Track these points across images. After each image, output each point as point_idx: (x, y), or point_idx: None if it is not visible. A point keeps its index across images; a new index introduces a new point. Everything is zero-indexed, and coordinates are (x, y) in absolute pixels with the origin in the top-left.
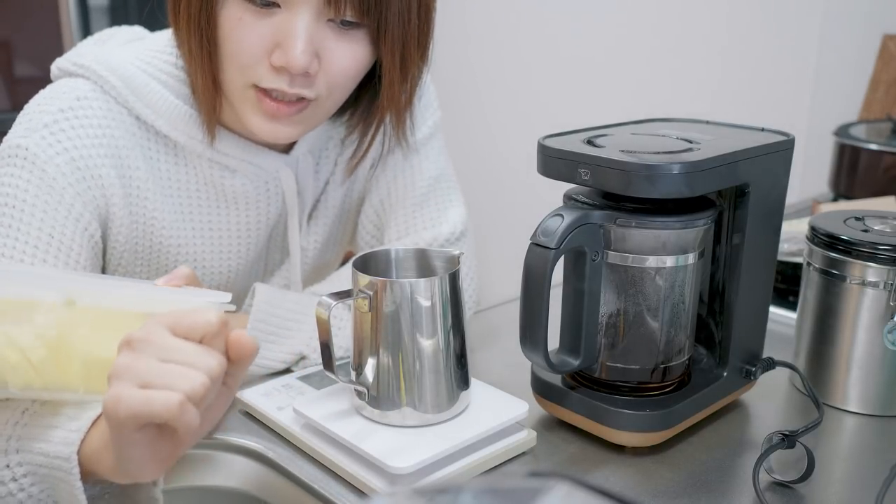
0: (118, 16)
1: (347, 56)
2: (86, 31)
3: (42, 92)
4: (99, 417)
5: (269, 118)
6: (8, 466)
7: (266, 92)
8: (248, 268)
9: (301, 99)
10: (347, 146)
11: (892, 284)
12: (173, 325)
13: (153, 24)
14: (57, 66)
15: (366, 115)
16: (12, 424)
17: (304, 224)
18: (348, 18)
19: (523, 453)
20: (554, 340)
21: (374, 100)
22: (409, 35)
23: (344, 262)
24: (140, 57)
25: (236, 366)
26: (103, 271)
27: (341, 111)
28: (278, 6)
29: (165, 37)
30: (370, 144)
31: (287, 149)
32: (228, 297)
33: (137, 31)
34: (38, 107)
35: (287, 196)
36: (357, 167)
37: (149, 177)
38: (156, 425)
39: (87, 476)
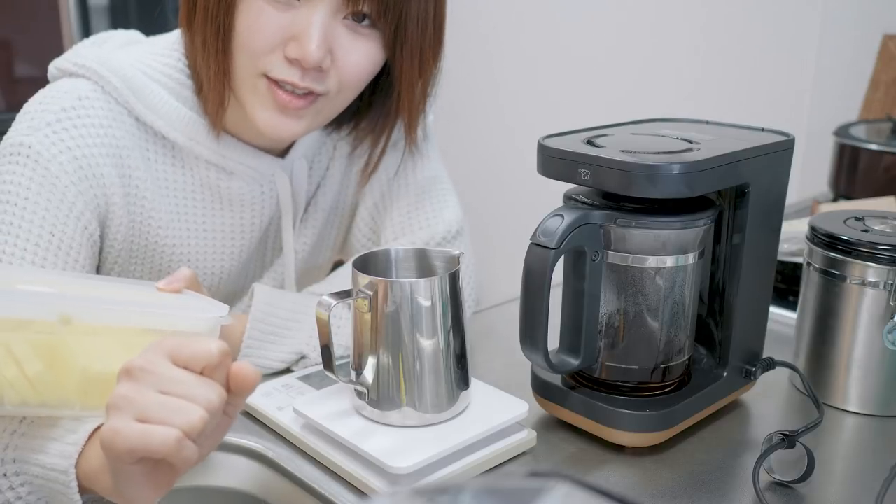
0: (118, 16)
1: (361, 54)
2: (86, 31)
3: (42, 91)
4: (96, 432)
5: (279, 112)
6: (5, 475)
7: (278, 84)
8: (241, 268)
9: (311, 93)
10: (340, 151)
11: (892, 284)
12: (174, 353)
13: (152, 28)
14: (55, 66)
15: (374, 125)
16: (10, 433)
17: (297, 227)
18: (365, 11)
19: (523, 453)
20: (554, 340)
21: (382, 109)
22: (426, 41)
23: (333, 270)
24: (140, 59)
25: (237, 396)
26: (99, 270)
27: (339, 123)
28: (297, 1)
29: (164, 41)
30: (383, 151)
31: (283, 153)
32: (226, 309)
33: (134, 34)
34: (40, 105)
35: (282, 199)
36: (371, 176)
37: (147, 177)
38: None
39: (84, 492)
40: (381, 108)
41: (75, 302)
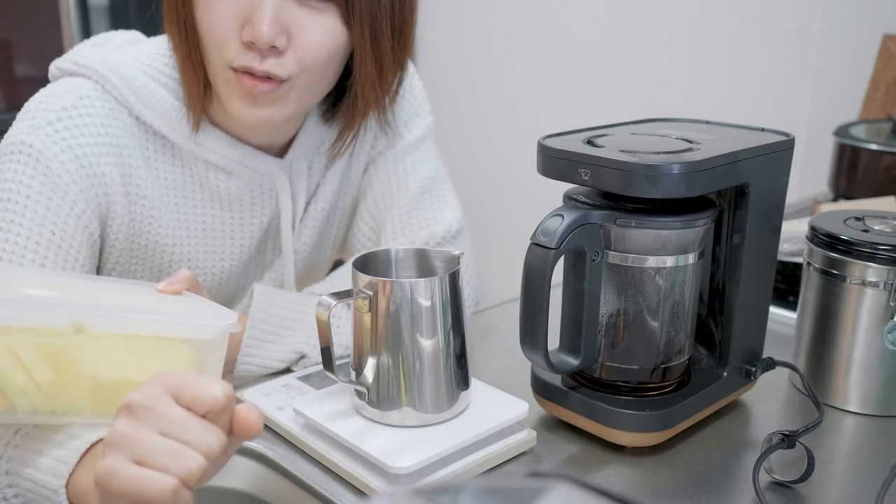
0: (118, 16)
1: (317, 32)
2: (86, 31)
3: (43, 90)
4: (87, 452)
5: (248, 99)
6: None
7: (243, 73)
8: (241, 268)
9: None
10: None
11: (892, 284)
12: (177, 391)
13: (152, 28)
14: (56, 66)
15: (346, 108)
16: (4, 444)
17: (296, 227)
18: None
19: (523, 453)
20: (554, 340)
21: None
22: (380, 13)
23: (333, 269)
24: (141, 59)
25: (238, 438)
26: (100, 270)
27: (333, 113)
28: None
29: (163, 39)
30: (355, 135)
31: (281, 152)
32: (235, 317)
33: (135, 35)
34: (41, 104)
35: (281, 199)
36: (338, 156)
37: (148, 176)
38: None
39: None
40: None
41: (87, 310)
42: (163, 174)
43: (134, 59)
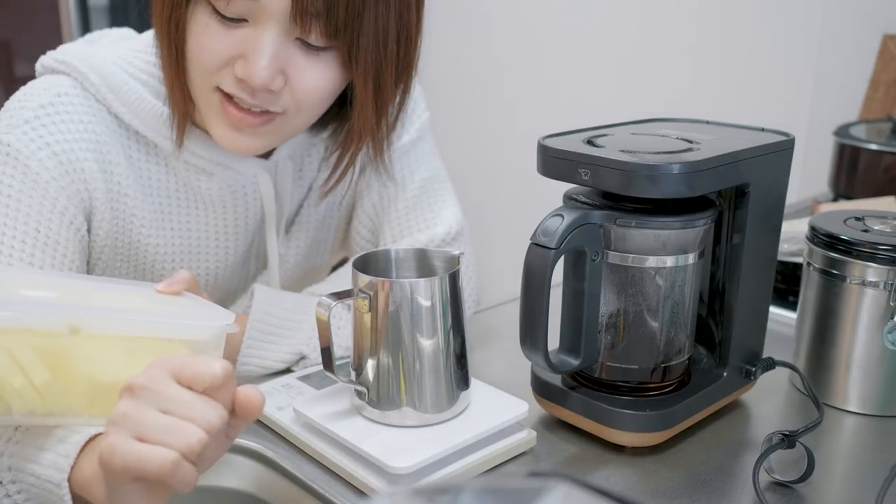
0: (118, 16)
1: (316, 77)
2: (86, 31)
3: (23, 88)
4: (88, 444)
5: (233, 128)
6: (1, 483)
7: (230, 99)
8: (230, 272)
9: (267, 111)
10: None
11: (892, 284)
12: (178, 371)
13: (145, 26)
14: (41, 63)
15: (343, 139)
16: (5, 441)
17: (282, 231)
18: (312, 43)
19: (523, 453)
20: (554, 340)
21: (346, 126)
22: (386, 61)
23: (335, 268)
24: (122, 56)
25: (240, 419)
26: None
27: (324, 124)
28: (246, 21)
29: (149, 36)
30: (345, 171)
31: (266, 154)
32: (232, 317)
33: (126, 32)
34: (19, 103)
35: (265, 201)
36: (330, 192)
37: (129, 174)
38: None
39: (78, 501)
40: (346, 124)
41: (84, 312)
42: (146, 173)
43: (115, 55)
